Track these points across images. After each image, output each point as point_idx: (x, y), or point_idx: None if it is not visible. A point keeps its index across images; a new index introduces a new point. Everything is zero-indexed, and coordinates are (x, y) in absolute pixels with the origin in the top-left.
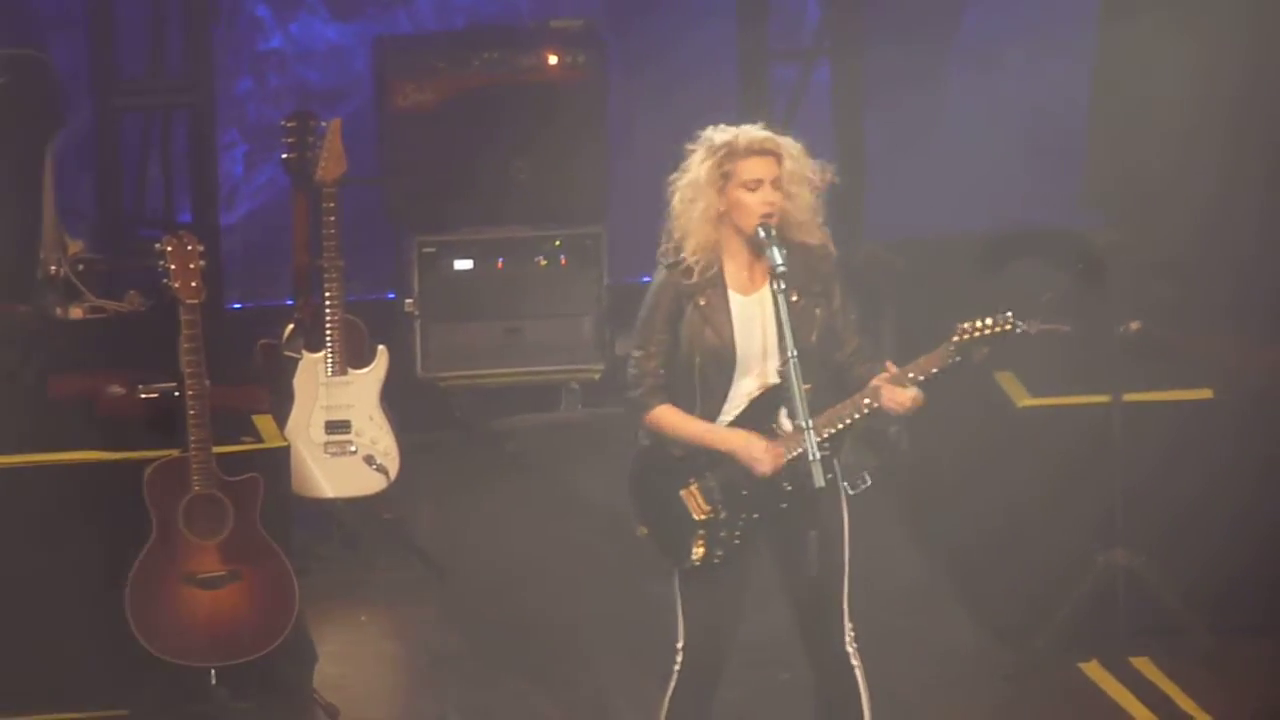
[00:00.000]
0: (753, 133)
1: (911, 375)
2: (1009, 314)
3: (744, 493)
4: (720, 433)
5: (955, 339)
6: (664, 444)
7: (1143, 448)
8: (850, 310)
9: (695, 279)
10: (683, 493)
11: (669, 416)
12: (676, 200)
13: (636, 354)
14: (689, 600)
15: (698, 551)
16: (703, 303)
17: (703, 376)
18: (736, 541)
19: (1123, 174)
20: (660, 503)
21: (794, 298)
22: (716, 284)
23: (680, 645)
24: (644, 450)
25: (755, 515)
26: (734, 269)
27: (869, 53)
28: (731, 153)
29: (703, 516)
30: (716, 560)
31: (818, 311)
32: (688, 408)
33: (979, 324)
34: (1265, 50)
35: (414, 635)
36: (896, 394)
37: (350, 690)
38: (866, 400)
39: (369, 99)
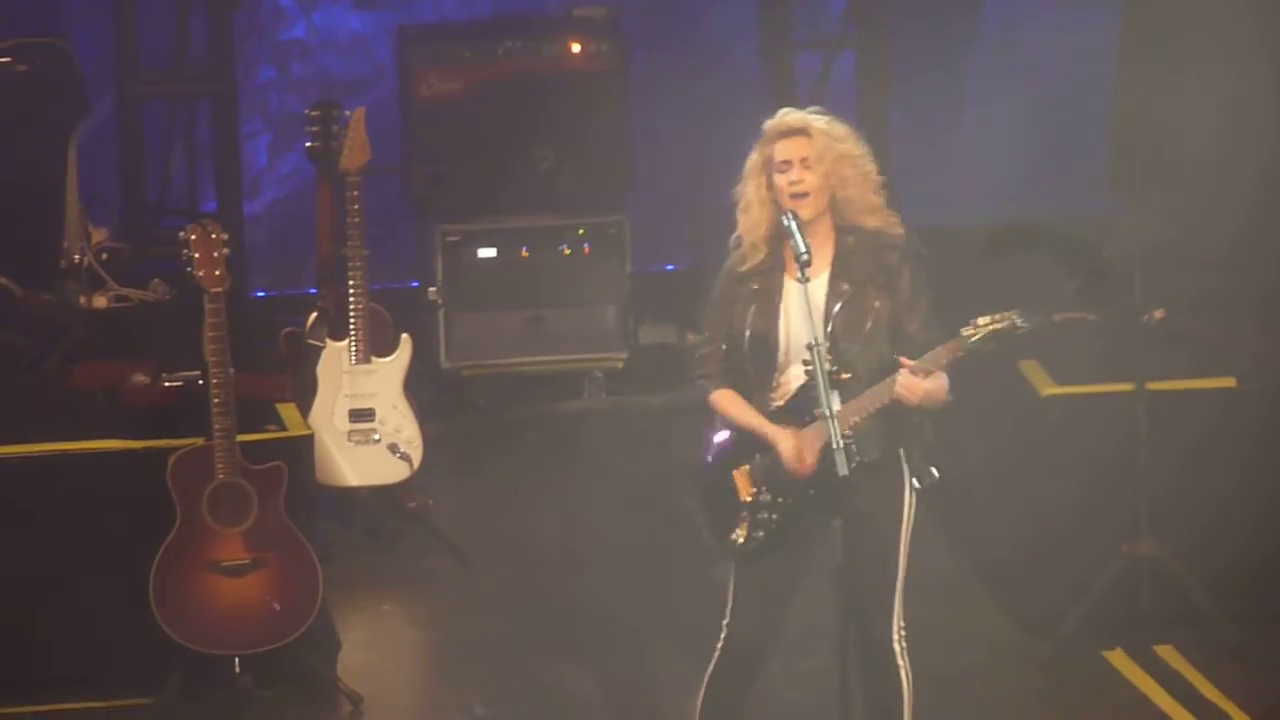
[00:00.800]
0: (782, 115)
1: (922, 368)
2: (1012, 312)
3: (783, 476)
4: (765, 425)
5: (964, 332)
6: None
7: (1167, 436)
8: (919, 300)
9: (754, 263)
10: (735, 472)
11: (723, 401)
12: (739, 188)
13: (701, 337)
14: (740, 578)
15: (740, 532)
16: (756, 287)
17: (752, 360)
18: (774, 523)
19: (1147, 161)
20: (716, 480)
21: (844, 286)
22: (775, 269)
23: (725, 621)
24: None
25: (794, 499)
26: (791, 255)
27: (893, 41)
28: (767, 138)
29: (748, 498)
30: (756, 542)
31: (877, 303)
32: (743, 390)
33: (982, 321)
34: None
35: (437, 623)
36: (909, 382)
37: (373, 678)
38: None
39: (392, 88)
